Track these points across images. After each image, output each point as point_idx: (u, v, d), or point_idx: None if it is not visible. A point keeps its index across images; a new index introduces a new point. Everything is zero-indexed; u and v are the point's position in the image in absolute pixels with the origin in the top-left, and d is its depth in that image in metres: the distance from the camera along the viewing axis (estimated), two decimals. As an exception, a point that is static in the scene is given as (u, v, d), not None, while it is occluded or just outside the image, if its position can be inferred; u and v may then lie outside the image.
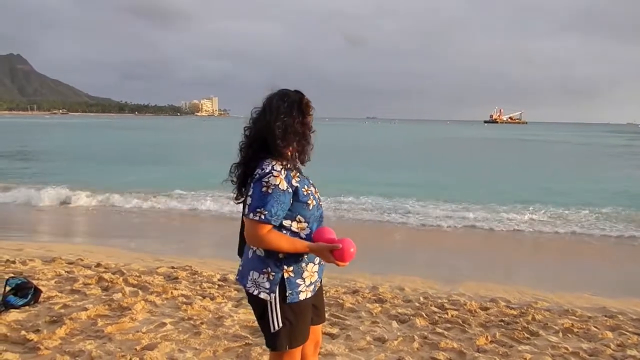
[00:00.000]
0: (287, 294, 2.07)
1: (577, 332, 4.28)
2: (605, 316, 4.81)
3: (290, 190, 2.01)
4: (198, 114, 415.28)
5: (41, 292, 4.60)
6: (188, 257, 7.12)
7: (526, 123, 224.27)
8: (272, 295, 2.06)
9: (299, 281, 2.09)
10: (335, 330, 4.10)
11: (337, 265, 2.04)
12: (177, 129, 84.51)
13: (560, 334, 4.20)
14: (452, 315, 4.59)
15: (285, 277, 2.07)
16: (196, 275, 5.78)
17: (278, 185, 1.97)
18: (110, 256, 6.99)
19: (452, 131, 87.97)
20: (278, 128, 2.03)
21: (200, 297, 4.86)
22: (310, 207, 2.09)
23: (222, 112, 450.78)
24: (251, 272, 2.10)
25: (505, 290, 5.94)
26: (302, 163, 2.16)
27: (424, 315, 4.59)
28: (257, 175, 2.01)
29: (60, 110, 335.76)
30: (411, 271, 6.86)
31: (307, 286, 2.13)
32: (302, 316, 2.15)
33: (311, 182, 2.19)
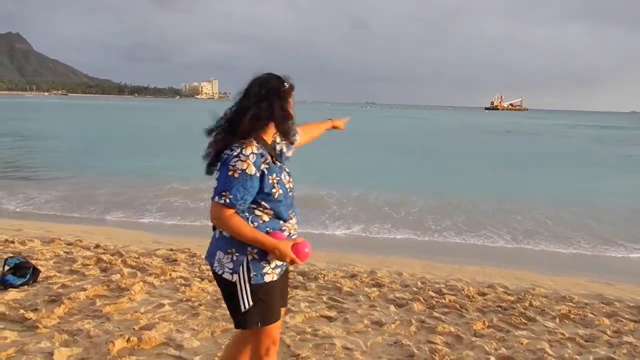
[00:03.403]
0: (251, 275, 2.09)
1: (574, 318, 4.30)
2: (602, 303, 4.83)
3: (257, 175, 2.01)
4: (198, 96, 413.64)
5: (40, 271, 4.61)
6: (187, 239, 7.14)
7: (527, 110, 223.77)
8: (235, 275, 2.08)
9: (263, 263, 2.10)
10: (333, 314, 4.11)
11: (294, 262, 2.07)
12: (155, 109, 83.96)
13: (557, 320, 4.22)
14: (449, 300, 4.60)
15: (249, 259, 2.08)
16: (195, 258, 5.78)
17: (245, 169, 1.98)
18: (109, 237, 7.00)
19: (449, 119, 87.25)
20: (256, 113, 2.06)
21: (198, 279, 4.87)
22: (275, 195, 2.08)
23: (222, 95, 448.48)
24: (218, 252, 2.11)
25: (502, 276, 5.97)
26: (274, 151, 2.16)
27: (422, 299, 4.60)
28: (225, 157, 2.02)
29: (60, 91, 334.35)
30: (410, 256, 6.91)
31: (273, 269, 2.14)
32: (271, 296, 2.17)
33: (287, 170, 2.19)
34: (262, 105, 2.07)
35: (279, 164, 2.15)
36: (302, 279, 5.14)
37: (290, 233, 2.17)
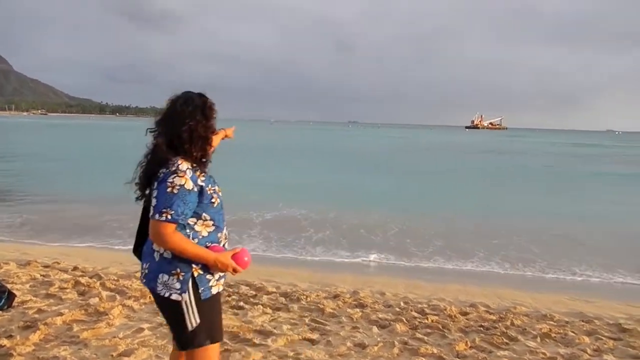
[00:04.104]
0: (200, 291, 2.09)
1: (555, 337, 4.33)
2: (582, 321, 4.88)
3: (195, 189, 2.03)
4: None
5: (15, 296, 4.49)
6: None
7: (506, 129, 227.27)
8: (184, 295, 2.06)
9: (208, 277, 2.11)
10: (315, 336, 4.07)
11: (236, 271, 2.10)
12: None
13: (539, 339, 4.24)
14: (432, 321, 4.60)
15: (195, 275, 2.07)
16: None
17: (184, 185, 1.99)
18: (88, 259, 6.87)
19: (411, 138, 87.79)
20: (184, 132, 2.07)
21: (179, 302, 4.79)
22: (215, 204, 2.13)
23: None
24: (160, 275, 2.08)
25: (484, 294, 5.99)
26: (204, 166, 2.17)
27: (404, 320, 4.59)
28: (162, 175, 2.02)
29: (40, 111, 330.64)
30: (393, 275, 6.90)
31: (217, 280, 2.16)
32: (217, 310, 2.20)
33: (215, 181, 2.21)
34: (192, 123, 2.08)
35: (209, 174, 2.18)
36: (285, 300, 5.10)
37: (223, 244, 2.19)
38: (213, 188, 2.14)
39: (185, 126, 2.07)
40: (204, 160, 2.16)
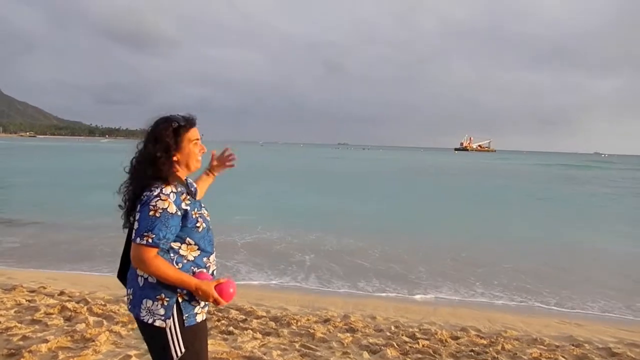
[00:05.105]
0: (184, 318, 2.05)
1: (546, 361, 4.32)
2: (573, 345, 4.88)
3: (179, 213, 2.01)
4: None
5: (-1, 322, 4.42)
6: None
7: (494, 151, 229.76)
8: (168, 321, 2.03)
9: (193, 303, 2.08)
10: (305, 362, 4.03)
11: (218, 303, 2.05)
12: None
13: (529, 364, 4.23)
14: (423, 345, 4.58)
15: (179, 301, 2.04)
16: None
17: (166, 208, 1.97)
18: (75, 284, 6.78)
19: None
20: (161, 155, 2.06)
21: (167, 327, 4.72)
22: (200, 229, 2.10)
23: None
24: (144, 301, 2.04)
25: (475, 318, 5.98)
26: (192, 193, 2.15)
27: (395, 345, 4.56)
28: (145, 198, 2.00)
29: (28, 133, 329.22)
30: (383, 298, 6.87)
31: (202, 307, 2.13)
32: (202, 338, 2.15)
33: (203, 205, 2.20)
34: (170, 144, 2.07)
35: (195, 198, 2.16)
36: (275, 324, 5.06)
37: (213, 270, 2.16)
38: (199, 212, 2.11)
39: (163, 147, 2.06)
40: (186, 178, 2.15)
